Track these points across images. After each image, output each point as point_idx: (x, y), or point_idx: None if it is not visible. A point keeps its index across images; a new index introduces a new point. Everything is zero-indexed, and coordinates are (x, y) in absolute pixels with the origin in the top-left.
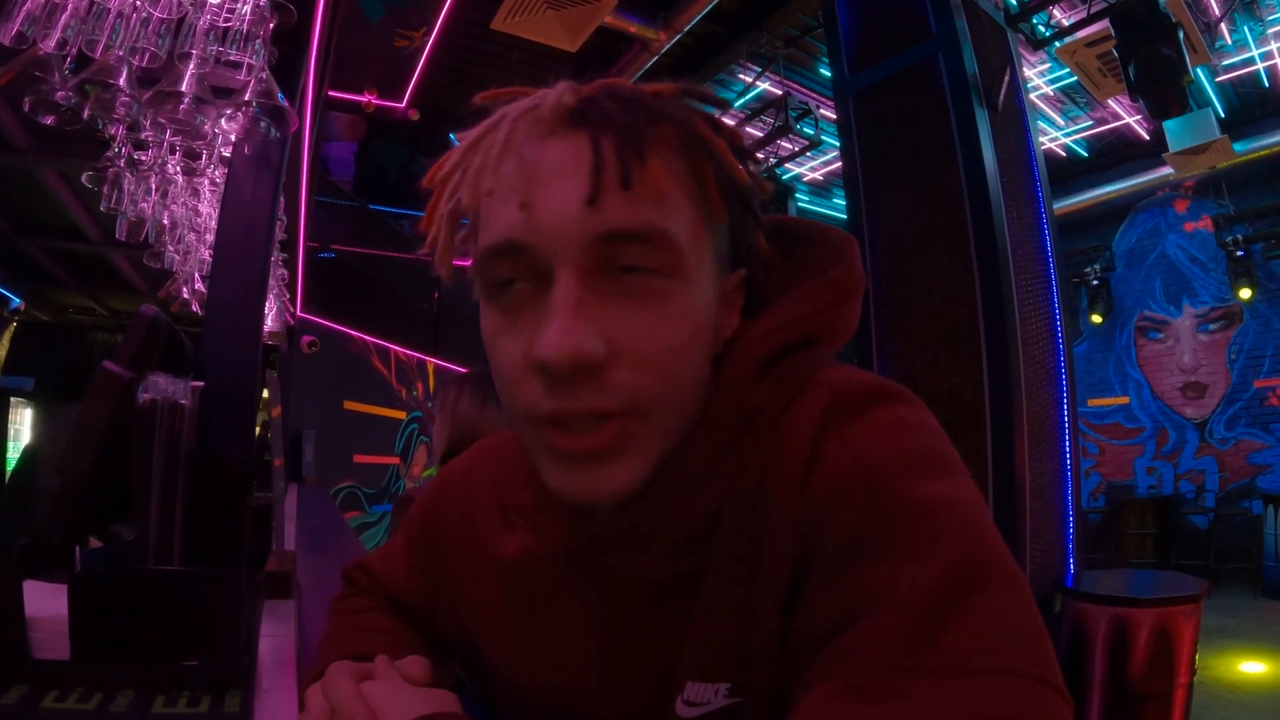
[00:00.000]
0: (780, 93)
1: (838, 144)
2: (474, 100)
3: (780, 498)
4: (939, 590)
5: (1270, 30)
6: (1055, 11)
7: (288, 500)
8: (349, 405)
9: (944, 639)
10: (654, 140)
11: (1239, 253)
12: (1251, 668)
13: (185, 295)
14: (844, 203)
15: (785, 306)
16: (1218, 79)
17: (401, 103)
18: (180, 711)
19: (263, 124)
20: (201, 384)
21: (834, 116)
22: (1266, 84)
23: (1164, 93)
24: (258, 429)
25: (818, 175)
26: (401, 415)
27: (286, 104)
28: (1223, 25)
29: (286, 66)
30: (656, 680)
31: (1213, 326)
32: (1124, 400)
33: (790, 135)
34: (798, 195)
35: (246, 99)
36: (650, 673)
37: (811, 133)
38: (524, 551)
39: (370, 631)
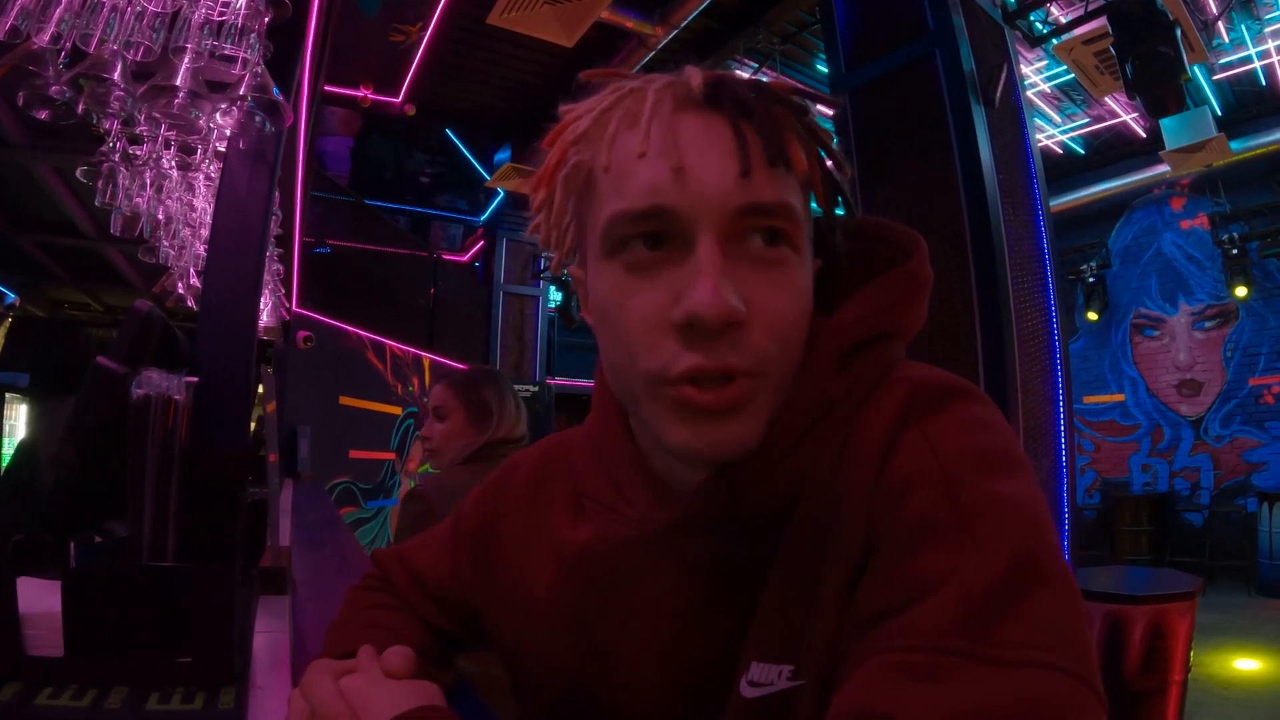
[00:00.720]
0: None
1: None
2: (581, 78)
3: (855, 483)
4: (998, 582)
5: (1268, 29)
6: (1053, 9)
7: (283, 496)
8: (344, 400)
9: (999, 629)
10: (786, 126)
11: (1235, 251)
12: (1245, 665)
13: (180, 291)
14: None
15: (862, 300)
16: (1215, 77)
17: (397, 98)
18: (174, 708)
19: (257, 118)
20: (195, 380)
21: (830, 113)
22: (1264, 83)
23: (1161, 90)
24: (253, 425)
25: None
26: (397, 411)
27: (281, 98)
28: (1220, 24)
29: (281, 61)
30: (719, 661)
31: (1208, 324)
32: (1119, 397)
33: None
34: None
35: (241, 93)
36: (713, 654)
37: None
38: (597, 536)
39: (376, 628)
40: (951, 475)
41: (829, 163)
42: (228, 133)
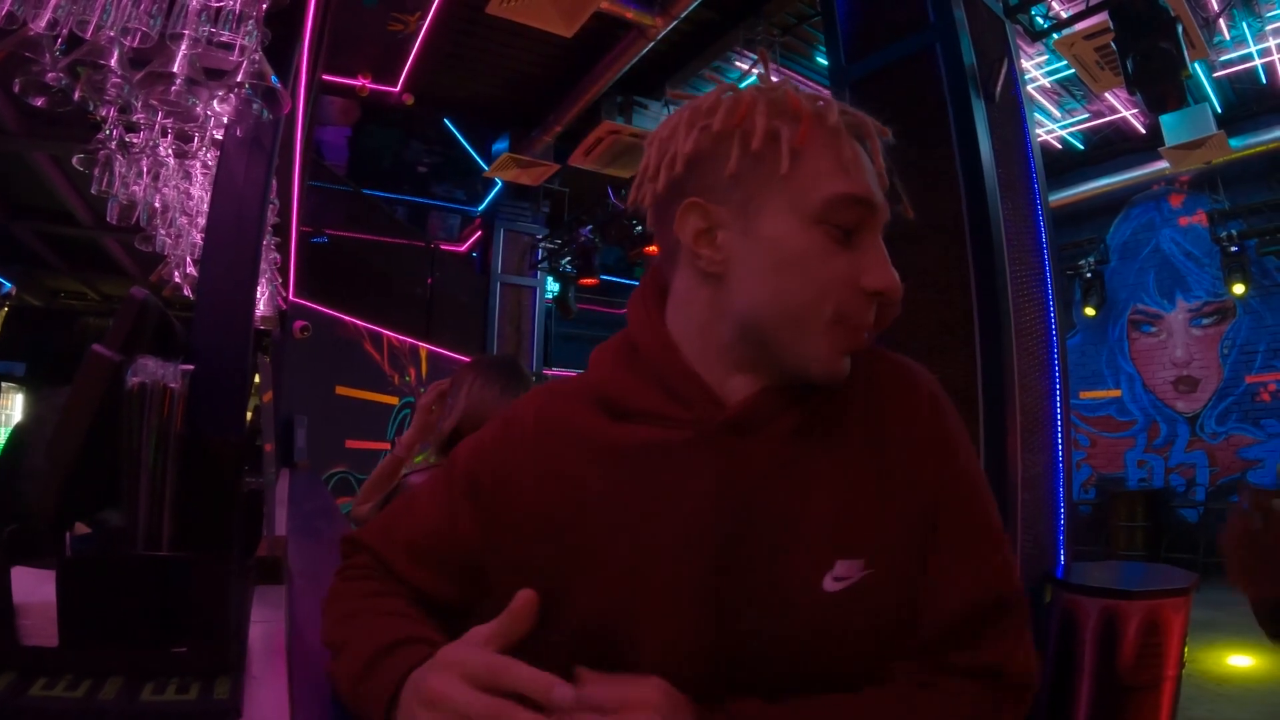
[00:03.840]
0: (776, 80)
1: None
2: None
3: (910, 416)
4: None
5: (1269, 27)
6: (1054, 3)
7: (279, 485)
8: (341, 390)
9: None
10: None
11: (1233, 248)
12: (1239, 661)
13: (177, 279)
14: None
15: None
16: (1215, 74)
17: (396, 87)
18: (169, 699)
19: (255, 106)
20: (191, 367)
21: None
22: (1264, 80)
23: (1161, 87)
24: (250, 414)
25: None
26: (394, 401)
27: (279, 85)
28: (1221, 21)
29: (280, 48)
30: (766, 556)
31: (1206, 321)
32: (1116, 393)
33: None
34: None
35: (238, 80)
36: (762, 549)
37: None
38: (647, 442)
39: (396, 616)
40: (969, 450)
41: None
42: (225, 120)
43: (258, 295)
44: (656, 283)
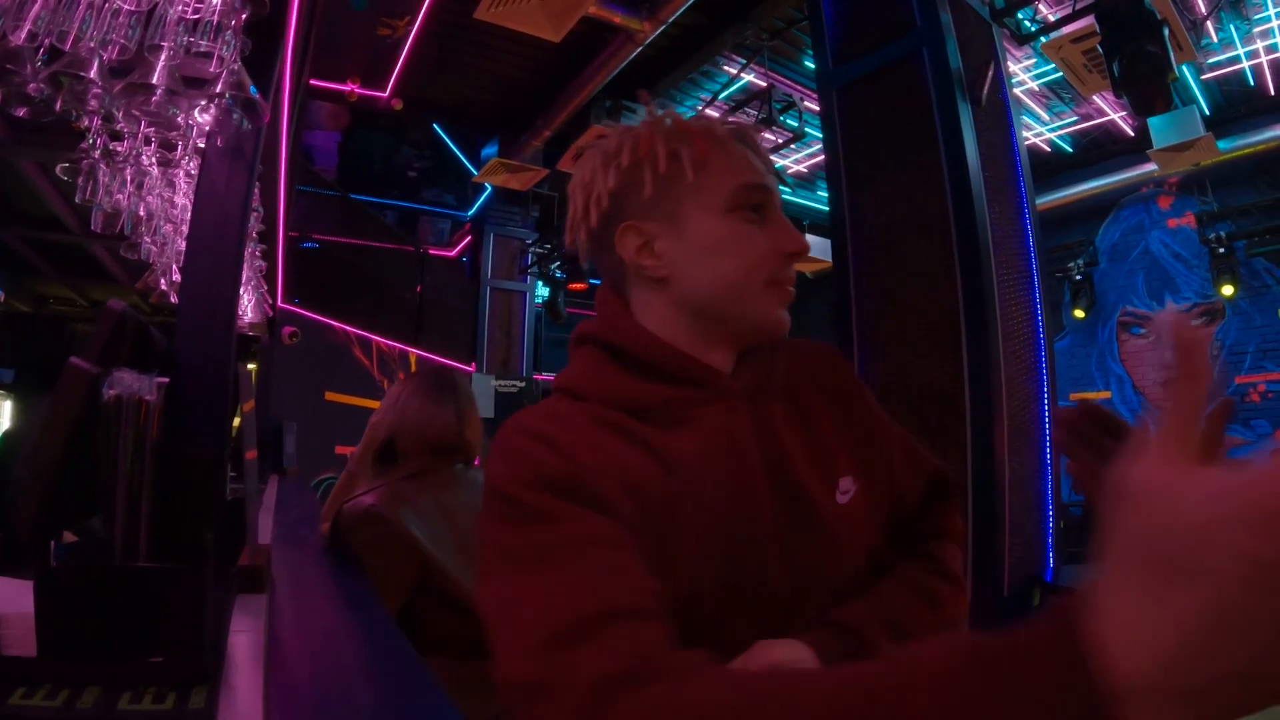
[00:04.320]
0: (765, 85)
1: (821, 137)
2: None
3: (832, 368)
4: None
5: (1256, 29)
6: (1041, 6)
7: (268, 492)
8: (330, 396)
9: None
10: None
11: (1221, 250)
12: None
13: (163, 287)
14: (826, 195)
15: None
16: (1203, 77)
17: (385, 92)
18: (146, 708)
19: (235, 115)
20: (167, 380)
21: (818, 109)
22: (1252, 83)
23: (1148, 90)
24: (238, 421)
25: (801, 168)
26: None
27: (258, 95)
28: (1209, 23)
29: (261, 56)
30: (801, 489)
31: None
32: (1106, 395)
33: (774, 128)
34: (782, 187)
35: (218, 90)
36: (796, 484)
37: (795, 125)
38: (711, 429)
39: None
40: None
41: None
42: (207, 129)
43: (243, 302)
44: (616, 300)
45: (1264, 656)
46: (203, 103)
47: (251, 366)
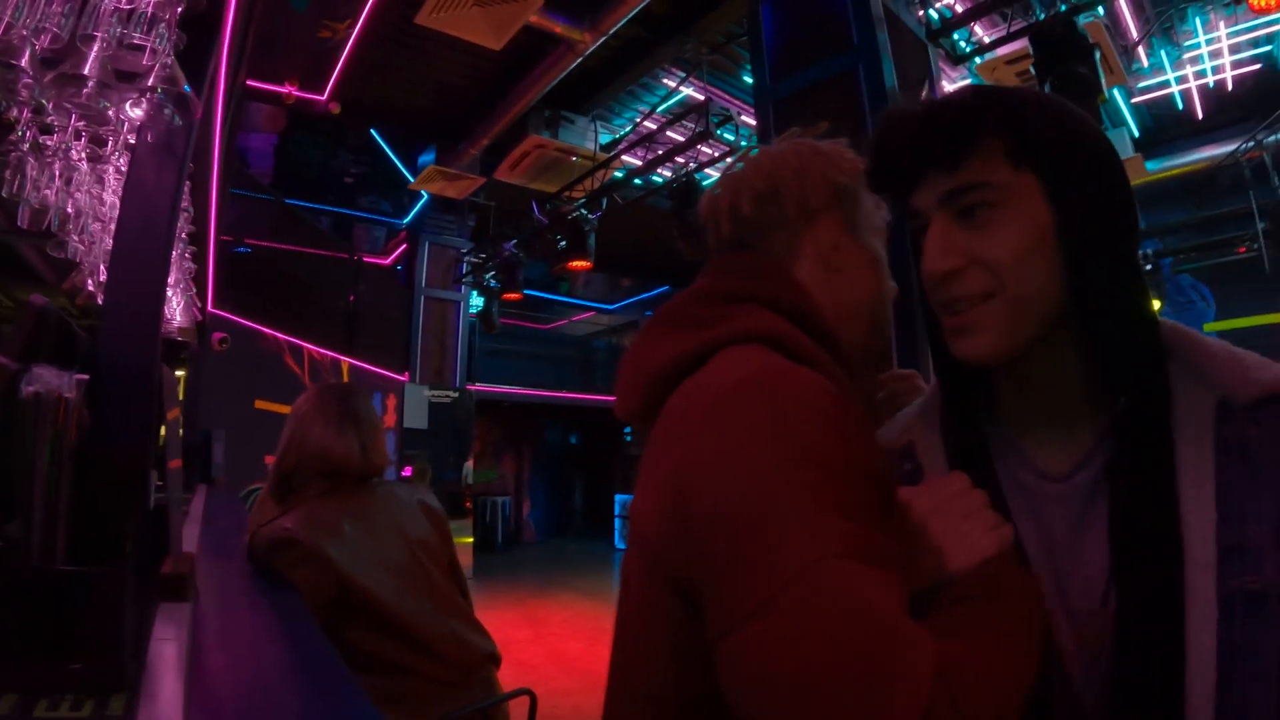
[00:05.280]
0: (703, 98)
1: (757, 151)
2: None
3: None
4: None
5: (1186, 55)
6: (976, 28)
7: (195, 502)
8: (261, 404)
9: None
10: None
11: (1149, 266)
12: None
13: (90, 287)
14: None
15: None
16: (1133, 100)
17: (323, 95)
18: (63, 715)
19: (166, 110)
20: (86, 377)
21: (754, 123)
22: (1181, 107)
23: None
24: (164, 429)
25: None
26: None
27: (190, 91)
28: (1141, 49)
29: (199, 52)
30: None
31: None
32: None
33: (710, 141)
34: None
35: (150, 84)
36: None
37: (732, 139)
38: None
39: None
40: None
41: None
42: (138, 125)
43: (172, 305)
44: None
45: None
46: (134, 96)
47: (180, 373)
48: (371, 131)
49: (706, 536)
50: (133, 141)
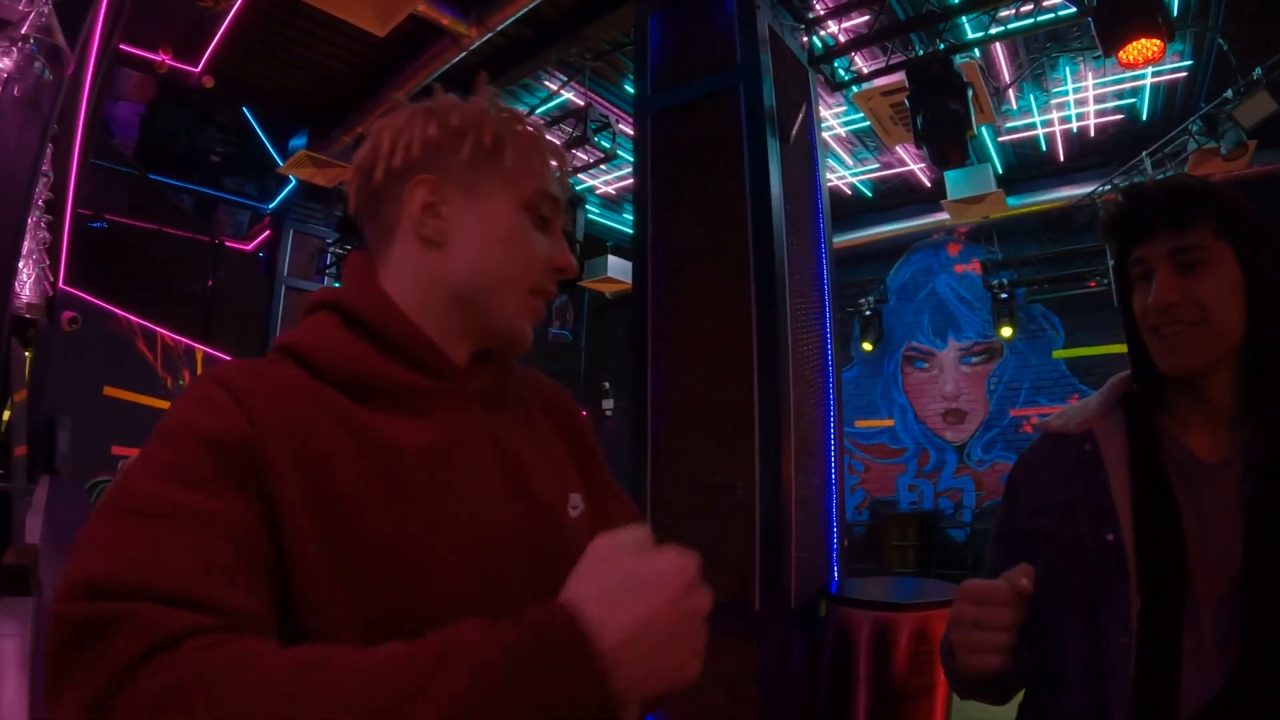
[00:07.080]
0: (583, 104)
1: (632, 160)
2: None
3: (570, 410)
4: None
5: (1053, 101)
6: (857, 59)
7: (38, 493)
8: (110, 391)
9: None
10: None
11: (1003, 295)
12: None
13: None
14: (632, 218)
15: None
16: (1000, 139)
17: (197, 67)
18: None
19: (37, 64)
20: None
21: (632, 133)
22: (1044, 148)
23: (947, 144)
24: (8, 413)
25: (610, 189)
26: (165, 405)
27: (64, 45)
28: (1011, 91)
29: (75, 8)
30: (539, 499)
31: (974, 359)
32: (889, 423)
33: (587, 146)
34: (589, 207)
35: (23, 32)
36: (534, 487)
37: (608, 146)
38: (444, 424)
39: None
40: None
41: None
42: (4, 77)
43: (22, 278)
44: (369, 268)
45: (667, 643)
46: (4, 44)
47: (27, 354)
48: (244, 110)
49: None
50: None
